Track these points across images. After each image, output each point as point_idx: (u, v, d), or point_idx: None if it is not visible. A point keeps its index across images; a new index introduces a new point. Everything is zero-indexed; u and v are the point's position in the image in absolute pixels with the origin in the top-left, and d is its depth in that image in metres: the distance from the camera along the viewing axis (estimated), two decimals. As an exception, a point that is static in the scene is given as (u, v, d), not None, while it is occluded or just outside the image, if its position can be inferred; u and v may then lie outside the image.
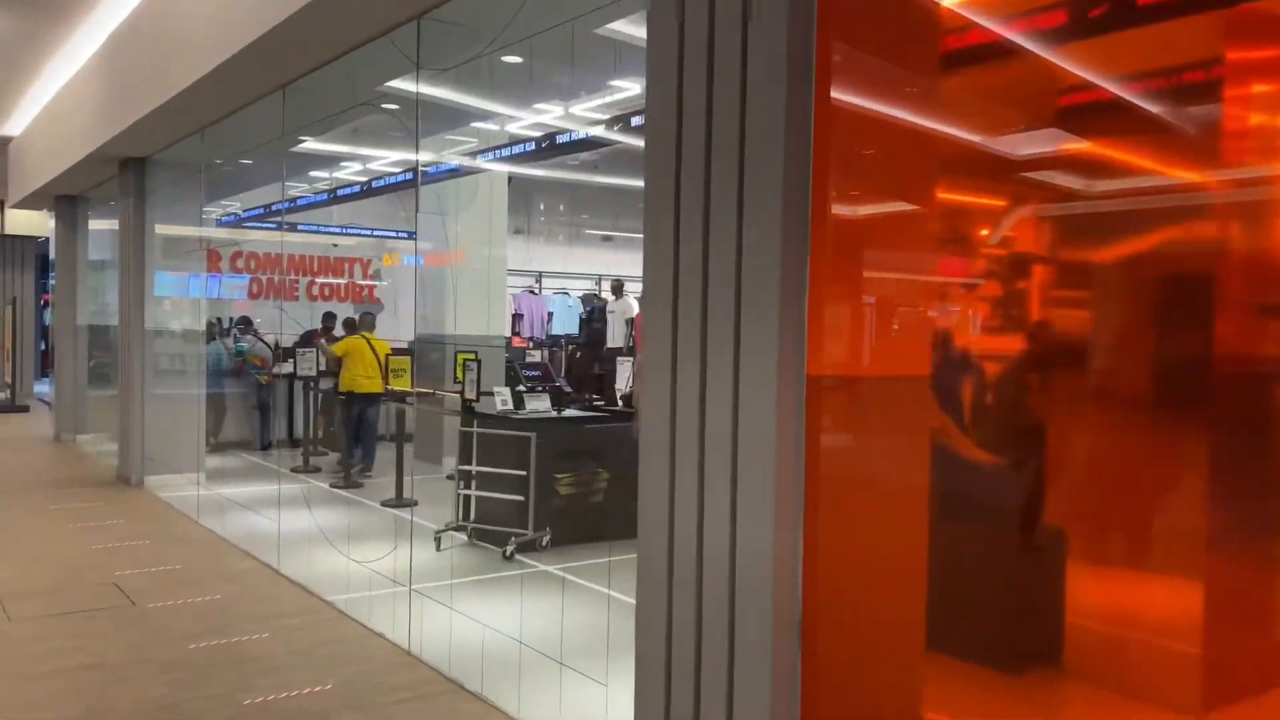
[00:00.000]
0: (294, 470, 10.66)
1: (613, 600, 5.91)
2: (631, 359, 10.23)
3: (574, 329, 17.33)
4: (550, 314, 17.33)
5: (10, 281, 18.77)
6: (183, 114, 7.62)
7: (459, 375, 10.49)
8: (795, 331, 2.78)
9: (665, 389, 3.13)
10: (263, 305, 15.42)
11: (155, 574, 6.38)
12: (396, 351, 9.76)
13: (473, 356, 10.57)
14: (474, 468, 7.46)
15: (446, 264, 17.13)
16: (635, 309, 14.23)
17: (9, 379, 16.84)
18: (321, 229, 14.74)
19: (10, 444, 12.69)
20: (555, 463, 7.21)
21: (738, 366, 2.88)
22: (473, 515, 7.53)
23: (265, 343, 12.56)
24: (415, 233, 13.46)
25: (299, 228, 14.68)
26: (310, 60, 5.81)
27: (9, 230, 18.03)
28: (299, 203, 13.95)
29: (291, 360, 13.06)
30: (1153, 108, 2.52)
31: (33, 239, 18.83)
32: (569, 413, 7.72)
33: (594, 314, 17.43)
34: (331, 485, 9.80)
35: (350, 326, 11.80)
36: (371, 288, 16.40)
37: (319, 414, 11.33)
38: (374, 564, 6.27)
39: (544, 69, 8.22)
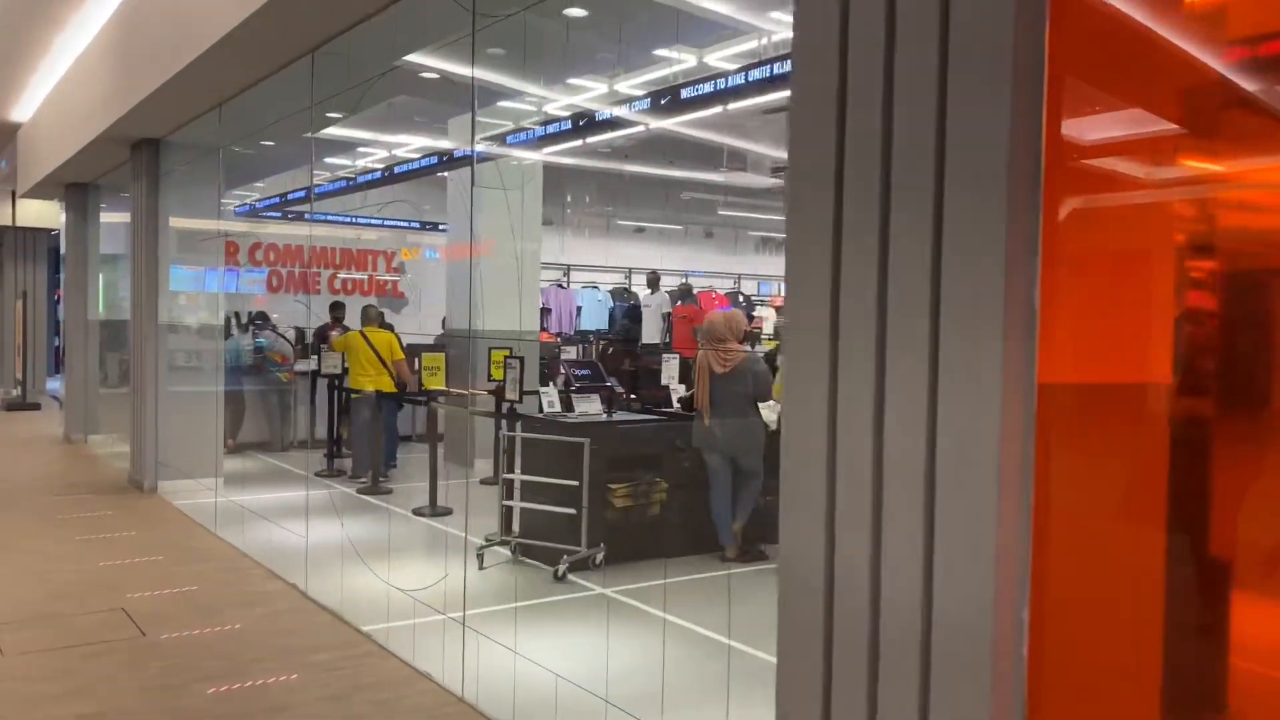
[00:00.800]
0: (318, 474, 10.00)
1: (670, 626, 5.22)
2: (673, 356, 9.52)
3: (604, 324, 16.64)
4: (579, 308, 16.62)
5: (21, 275, 18.21)
6: (197, 88, 6.94)
7: (495, 373, 9.84)
8: (1022, 325, 2.06)
9: (818, 403, 2.41)
10: (282, 299, 14.78)
11: (169, 597, 5.71)
12: (429, 348, 9.04)
13: (510, 353, 9.91)
14: (518, 476, 6.76)
15: (474, 257, 16.47)
16: (669, 303, 13.52)
17: (20, 375, 16.26)
18: (345, 219, 14.07)
19: (18, 444, 12.08)
20: (609, 472, 6.50)
21: (935, 373, 2.16)
22: (516, 528, 6.84)
23: (286, 338, 11.90)
24: (472, 220, 12.78)
25: (319, 218, 14.02)
26: (343, 16, 5.12)
27: (20, 222, 17.45)
28: (321, 189, 13.29)
29: (316, 356, 12.45)
30: None
31: (45, 231, 18.25)
32: (620, 416, 7.01)
33: (631, 309, 16.76)
34: (359, 491, 9.13)
35: (363, 319, 11.15)
36: (395, 281, 15.74)
37: (342, 414, 10.65)
38: (418, 593, 5.57)
39: (607, 30, 7.54)
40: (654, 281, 13.39)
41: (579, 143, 12.61)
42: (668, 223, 17.19)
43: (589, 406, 6.85)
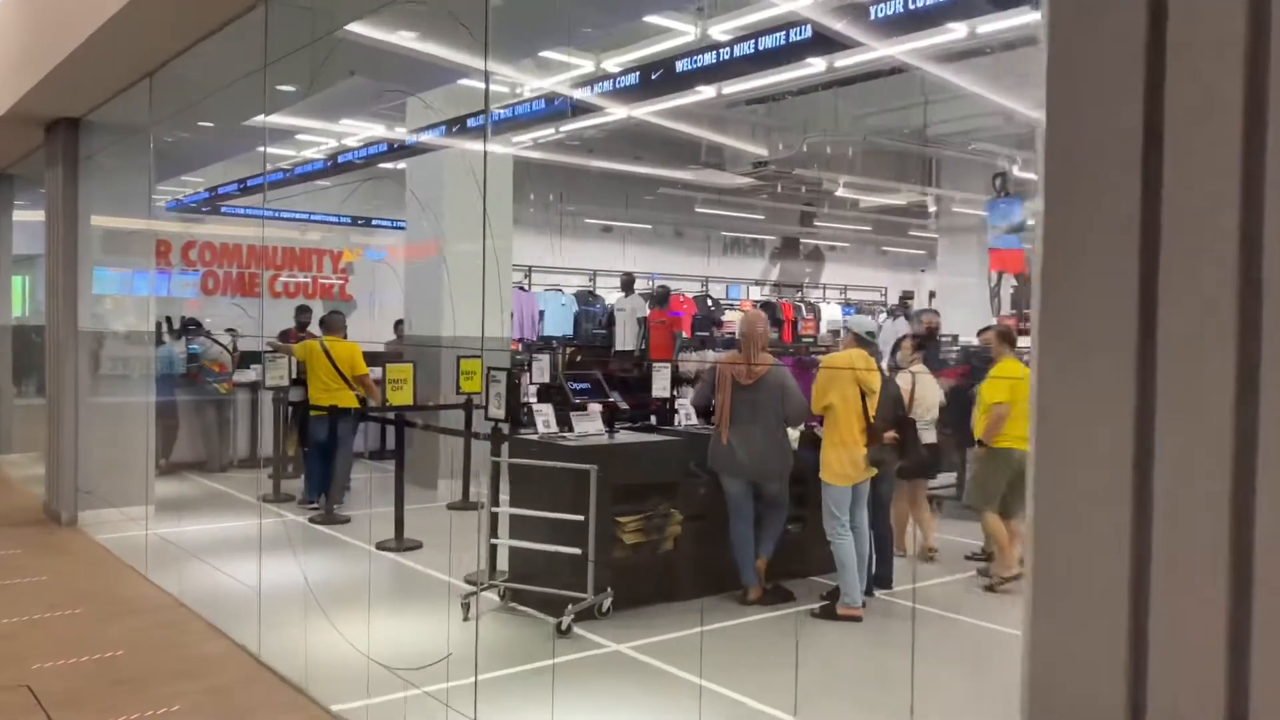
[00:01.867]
0: (263, 499, 8.90)
1: (708, 693, 4.33)
2: (665, 364, 8.63)
3: (568, 329, 15.69)
4: (541, 313, 15.63)
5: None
6: (121, 54, 5.87)
7: (465, 385, 8.84)
8: None
9: (1113, 444, 1.51)
10: (217, 302, 13.58)
11: (88, 668, 4.64)
12: (393, 359, 8.00)
13: (480, 363, 8.91)
14: (508, 509, 5.80)
15: (423, 257, 15.39)
16: (646, 307, 12.63)
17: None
18: (290, 215, 12.92)
19: (-82, 466, 10.75)
20: (616, 502, 5.57)
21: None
22: (502, 566, 5.88)
23: (222, 345, 10.75)
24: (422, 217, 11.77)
25: (260, 213, 12.84)
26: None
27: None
28: (259, 181, 12.14)
29: (258, 366, 11.31)
30: None
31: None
32: (623, 434, 6.09)
33: (593, 313, 15.84)
34: (312, 520, 8.06)
35: (323, 327, 10.09)
36: (342, 283, 14.61)
37: (290, 431, 9.55)
38: (406, 672, 4.57)
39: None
40: (628, 284, 12.49)
41: (550, 132, 11.71)
42: (638, 221, 16.30)
43: (590, 425, 5.91)
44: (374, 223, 13.50)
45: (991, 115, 11.32)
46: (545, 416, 5.84)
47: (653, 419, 7.27)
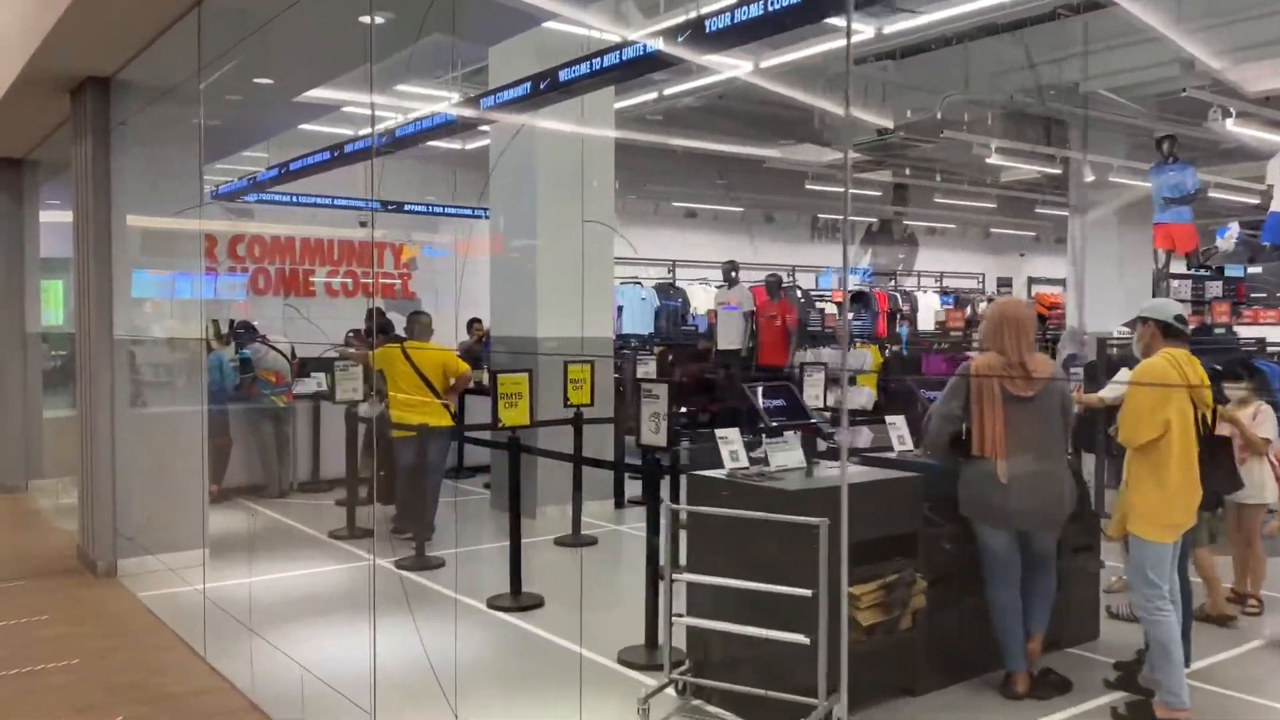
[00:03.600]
0: (333, 535, 7.47)
1: None
2: (817, 369, 7.09)
3: (647, 326, 14.18)
4: (620, 309, 14.11)
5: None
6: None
7: (574, 396, 7.35)
8: None
9: None
10: (267, 304, 12.22)
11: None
12: (506, 370, 6.44)
13: (589, 369, 7.43)
14: (688, 576, 4.26)
15: (480, 254, 13.93)
16: (751, 299, 11.08)
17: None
18: (350, 203, 11.47)
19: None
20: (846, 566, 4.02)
21: None
22: (672, 641, 4.35)
23: (279, 351, 9.34)
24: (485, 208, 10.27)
25: (315, 201, 11.42)
26: None
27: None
28: (304, 164, 10.71)
29: (319, 375, 9.90)
30: None
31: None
32: (829, 468, 4.52)
33: (673, 308, 14.32)
34: (398, 564, 6.60)
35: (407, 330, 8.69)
36: (405, 280, 13.20)
37: (362, 453, 8.10)
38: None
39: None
40: (732, 274, 10.92)
41: (651, 98, 10.18)
42: (727, 204, 14.69)
43: (788, 457, 4.37)
44: (447, 210, 12.02)
45: (1164, 65, 9.65)
46: (734, 447, 4.30)
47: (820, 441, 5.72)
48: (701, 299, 14.74)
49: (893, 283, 17.63)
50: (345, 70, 6.88)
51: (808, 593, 3.74)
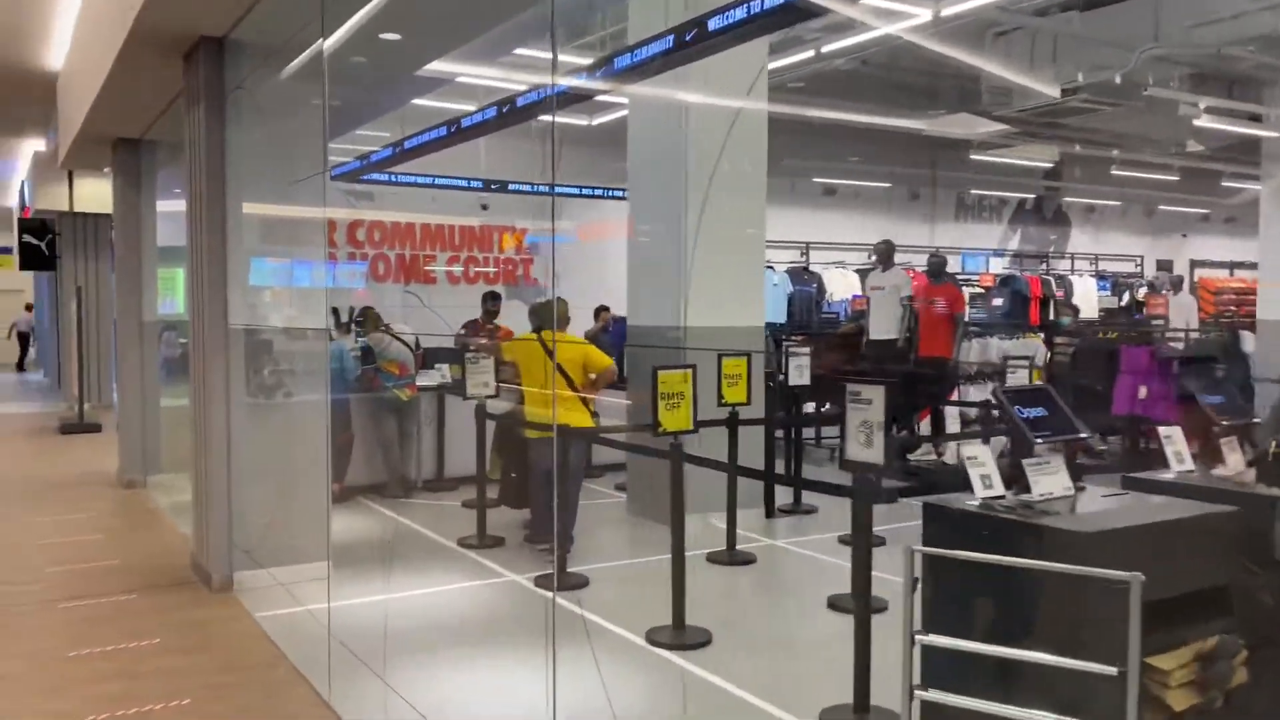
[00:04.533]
0: (463, 544, 6.78)
1: None
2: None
3: (780, 314, 13.19)
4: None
5: (80, 268, 15.48)
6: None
7: (728, 394, 6.47)
8: None
9: None
10: (386, 292, 11.68)
11: None
12: (665, 367, 5.59)
13: (745, 363, 6.54)
14: (940, 639, 3.34)
15: (604, 237, 13.13)
16: (909, 284, 10.01)
17: (76, 389, 13.47)
18: (470, 184, 10.80)
19: (60, 489, 9.12)
20: (1144, 630, 3.06)
21: None
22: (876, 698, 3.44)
23: (403, 341, 8.72)
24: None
25: (438, 182, 10.80)
26: None
27: (78, 206, 14.69)
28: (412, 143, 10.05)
29: (443, 367, 9.29)
30: None
31: (106, 218, 15.48)
32: (1092, 496, 3.53)
33: (807, 294, 13.33)
34: (537, 584, 5.85)
35: (535, 318, 7.97)
36: (527, 265, 12.52)
37: (493, 451, 7.39)
38: None
39: None
40: (887, 255, 9.87)
41: (807, 55, 9.21)
42: (871, 179, 13.59)
43: (1054, 482, 3.40)
44: (582, 191, 11.25)
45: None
46: (985, 469, 3.35)
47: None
48: (838, 284, 13.69)
49: (1043, 266, 16.24)
50: (481, 33, 6.14)
51: (1111, 670, 2.79)
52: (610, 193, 11.13)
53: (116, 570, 6.24)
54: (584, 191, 11.65)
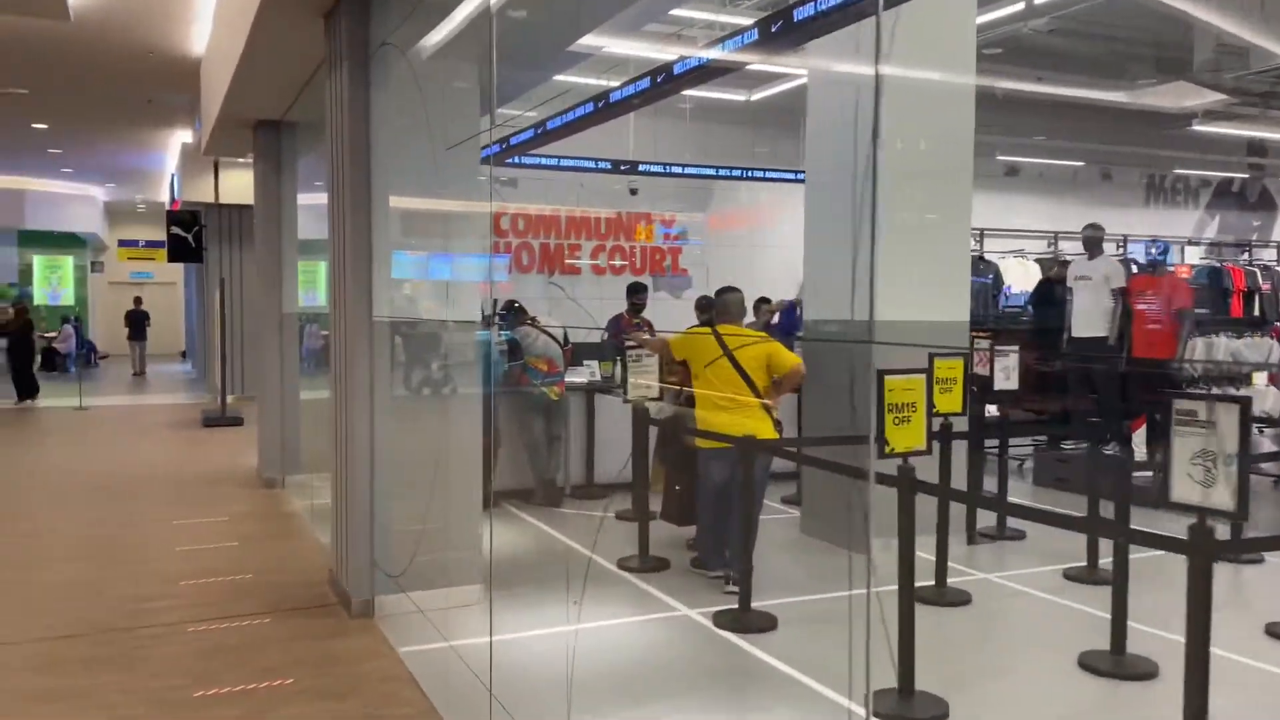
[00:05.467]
0: (624, 566, 5.99)
1: None
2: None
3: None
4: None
5: (224, 260, 15.48)
6: None
7: (941, 404, 5.48)
8: None
9: None
10: (529, 282, 11.05)
11: None
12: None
13: (961, 365, 5.54)
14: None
15: (739, 227, 12.19)
16: (1122, 274, 8.74)
17: (218, 381, 13.36)
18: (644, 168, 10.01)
19: (198, 488, 8.78)
20: None
21: None
22: None
23: (551, 335, 8.02)
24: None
25: (582, 164, 10.07)
26: None
27: (223, 198, 14.63)
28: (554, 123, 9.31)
29: (592, 364, 8.56)
30: None
31: (249, 209, 15.43)
32: None
33: (982, 285, 12.05)
34: (720, 623, 4.99)
35: (704, 311, 7.21)
36: (675, 255, 11.71)
37: (655, 461, 6.58)
38: None
39: None
40: (1095, 242, 8.64)
41: (1019, 7, 8.07)
42: (1063, 157, 12.26)
43: None
44: (750, 174, 10.37)
45: None
46: None
47: None
48: (1017, 274, 12.39)
49: (1245, 256, 14.48)
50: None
51: None
52: (770, 175, 10.20)
53: (250, 586, 5.69)
54: (738, 174, 10.76)
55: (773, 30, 4.22)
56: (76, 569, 6.07)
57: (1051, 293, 9.44)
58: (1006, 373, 6.91)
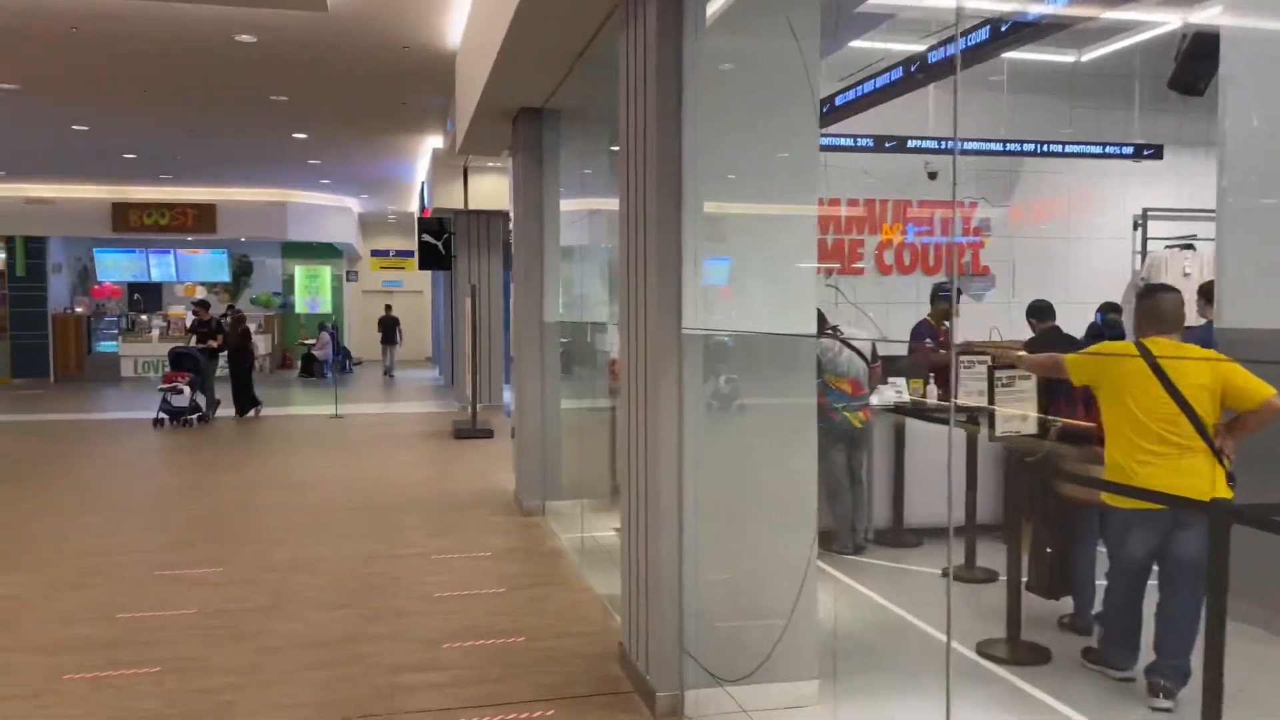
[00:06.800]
0: (985, 654, 4.56)
1: None
2: None
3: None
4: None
5: (475, 267, 15.12)
6: None
7: None
8: None
9: None
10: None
11: None
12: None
13: None
14: None
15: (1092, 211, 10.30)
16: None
17: (469, 391, 12.86)
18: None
19: (451, 514, 8.04)
20: None
21: None
22: None
23: (856, 350, 6.67)
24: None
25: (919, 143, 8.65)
26: None
27: (473, 204, 14.25)
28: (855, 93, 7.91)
29: (898, 381, 7.15)
30: None
31: (499, 215, 15.03)
32: None
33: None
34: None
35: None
36: (976, 249, 10.06)
37: (1033, 519, 5.07)
38: None
39: None
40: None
41: None
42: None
43: None
44: (1096, 150, 8.65)
45: None
46: None
47: None
48: None
49: None
50: None
51: None
52: (1111, 150, 8.41)
53: (523, 656, 4.68)
54: (1055, 150, 9.01)
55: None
56: (331, 621, 5.30)
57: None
58: None
